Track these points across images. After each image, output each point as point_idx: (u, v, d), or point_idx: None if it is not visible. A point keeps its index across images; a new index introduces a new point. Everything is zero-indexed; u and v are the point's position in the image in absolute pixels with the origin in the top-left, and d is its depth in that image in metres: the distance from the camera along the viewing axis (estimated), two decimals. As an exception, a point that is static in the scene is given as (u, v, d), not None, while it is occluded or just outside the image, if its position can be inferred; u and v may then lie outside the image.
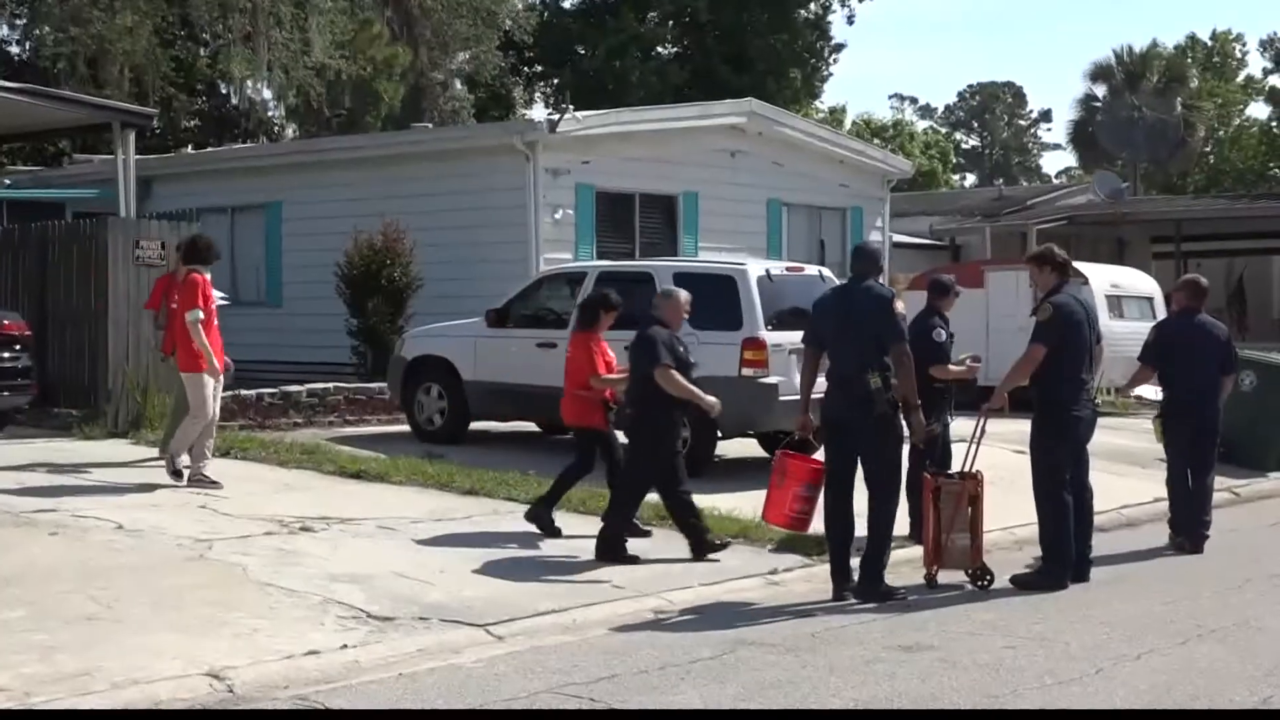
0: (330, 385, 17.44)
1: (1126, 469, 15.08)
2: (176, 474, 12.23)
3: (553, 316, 15.59)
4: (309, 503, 11.72)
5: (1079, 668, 7.77)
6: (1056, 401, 10.40)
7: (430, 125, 29.83)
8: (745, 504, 12.01)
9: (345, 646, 7.73)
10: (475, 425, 16.07)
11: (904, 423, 9.71)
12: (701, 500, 11.56)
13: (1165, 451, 12.32)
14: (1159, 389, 12.50)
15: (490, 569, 9.77)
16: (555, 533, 10.95)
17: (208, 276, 12.48)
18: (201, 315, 12.15)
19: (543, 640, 8.22)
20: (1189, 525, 11.88)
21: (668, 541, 10.79)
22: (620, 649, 8.07)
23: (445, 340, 16.07)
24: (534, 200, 20.11)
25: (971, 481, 10.12)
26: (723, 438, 14.06)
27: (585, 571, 9.84)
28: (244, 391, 16.75)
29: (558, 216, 20.33)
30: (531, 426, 16.51)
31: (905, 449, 10.07)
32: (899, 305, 9.69)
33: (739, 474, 14.17)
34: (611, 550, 10.27)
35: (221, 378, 12.58)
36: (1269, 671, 7.75)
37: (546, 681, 7.36)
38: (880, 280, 10.04)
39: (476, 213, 20.50)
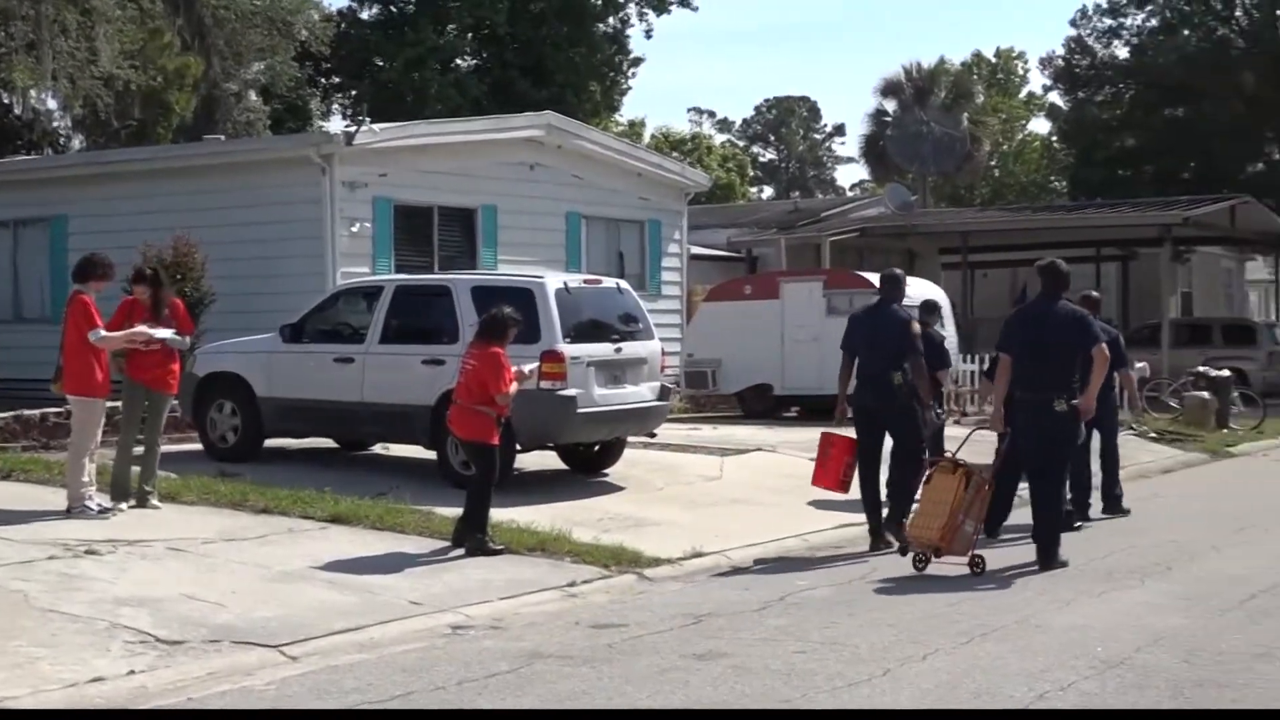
0: (118, 404, 16.94)
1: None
2: (102, 510, 11.92)
3: (349, 331, 15.44)
4: (94, 525, 11.39)
5: (867, 670, 7.97)
6: None
7: (223, 137, 29.26)
8: (543, 517, 12.09)
9: (132, 672, 7.54)
10: (271, 442, 15.81)
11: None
12: (500, 514, 11.60)
13: None
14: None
15: (284, 589, 9.62)
16: (497, 552, 10.93)
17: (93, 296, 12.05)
18: (102, 334, 11.78)
19: (338, 659, 8.13)
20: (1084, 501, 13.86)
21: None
22: (416, 666, 8.03)
23: (238, 356, 15.79)
24: (330, 213, 19.87)
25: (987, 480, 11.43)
26: (521, 451, 14.07)
27: (382, 589, 9.76)
28: (27, 411, 16.22)
29: (355, 230, 20.13)
30: (329, 443, 16.31)
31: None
32: (915, 326, 12.35)
33: (537, 487, 14.22)
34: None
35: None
36: (1046, 668, 8.04)
37: (340, 701, 7.29)
38: (903, 302, 12.66)
39: (271, 226, 20.17)
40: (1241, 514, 14.84)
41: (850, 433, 12.49)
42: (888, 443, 12.38)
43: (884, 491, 12.27)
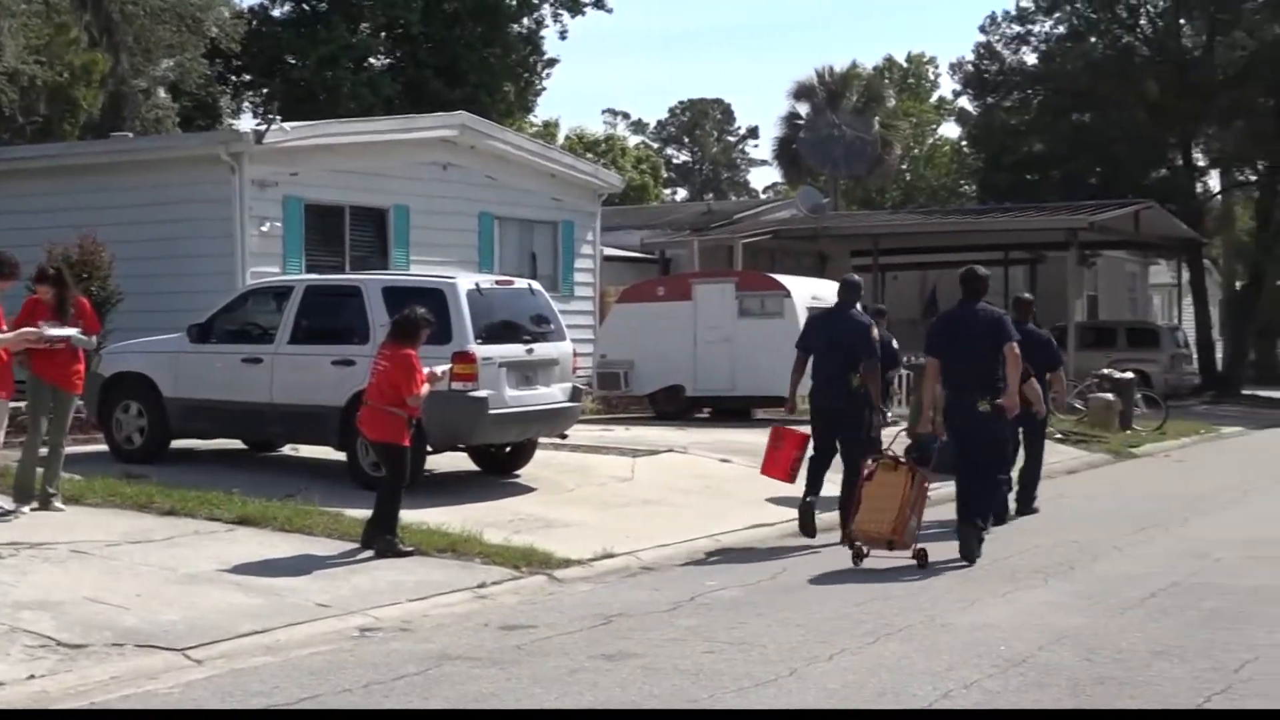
0: (22, 404, 16.67)
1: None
2: (4, 512, 11.77)
3: (258, 331, 15.30)
4: (-4, 528, 11.22)
5: (775, 670, 8.03)
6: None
7: (131, 134, 28.88)
8: (454, 518, 12.06)
9: (32, 676, 7.44)
10: (178, 443, 15.64)
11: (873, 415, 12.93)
12: (410, 515, 11.56)
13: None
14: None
15: (190, 591, 9.52)
16: (407, 553, 10.87)
17: None
18: None
19: (243, 662, 8.06)
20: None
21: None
22: (323, 668, 7.98)
23: (144, 356, 15.59)
24: (240, 212, 19.71)
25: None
26: (433, 452, 14.03)
27: (289, 591, 9.69)
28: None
29: (265, 229, 19.97)
30: (237, 444, 16.16)
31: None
32: (874, 331, 12.77)
33: (449, 488, 14.19)
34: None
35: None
36: (950, 666, 8.14)
37: (245, 704, 7.24)
38: (860, 307, 13.21)
39: (180, 225, 19.98)
40: (1143, 514, 15.12)
41: (797, 427, 13.34)
42: None
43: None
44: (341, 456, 14.35)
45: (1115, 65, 40.68)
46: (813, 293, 22.94)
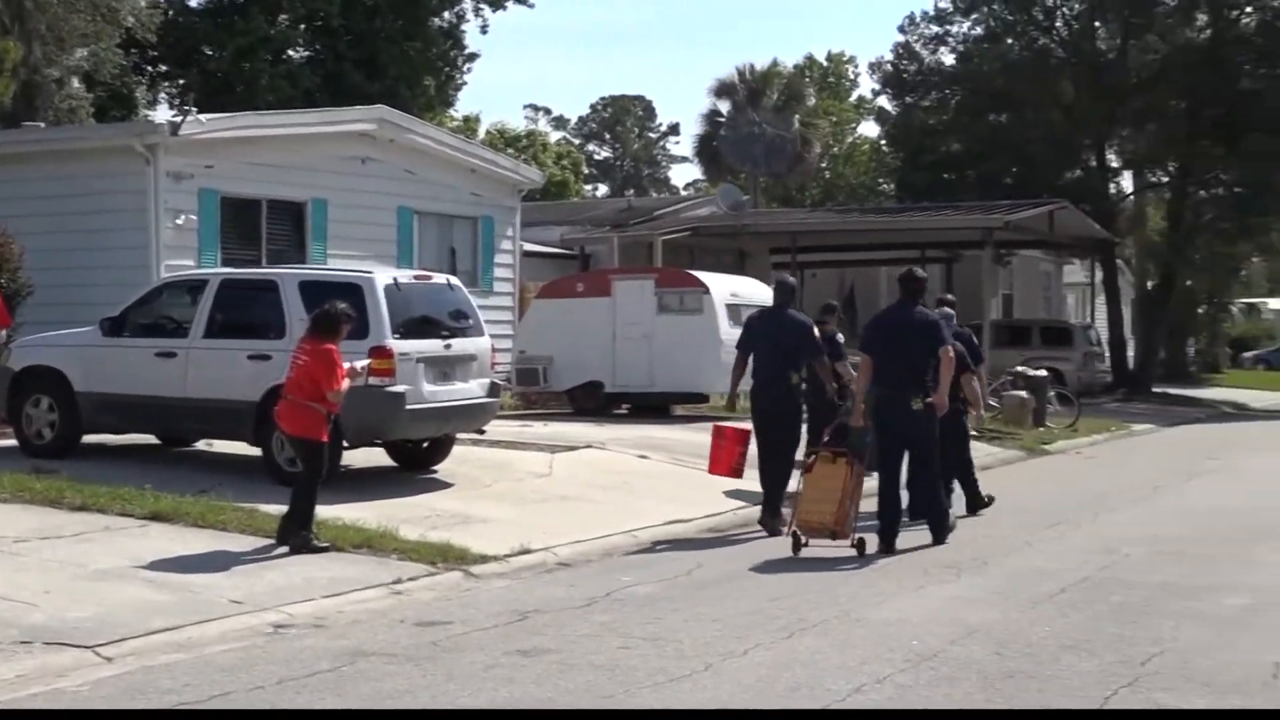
0: (-71, 398, 16.39)
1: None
2: None
3: (173, 325, 15.13)
4: (-98, 524, 11.03)
5: (690, 665, 8.06)
6: None
7: (44, 124, 28.46)
8: (370, 514, 12.01)
9: (-64, 675, 7.33)
10: (90, 438, 15.43)
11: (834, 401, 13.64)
12: (326, 511, 11.49)
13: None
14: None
15: (101, 588, 9.42)
16: (322, 549, 10.80)
17: None
18: None
19: (154, 659, 7.99)
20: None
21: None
22: (236, 665, 7.92)
23: (56, 350, 15.37)
24: (154, 205, 19.47)
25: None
26: (349, 447, 13.93)
27: (202, 587, 9.60)
28: None
29: (179, 222, 19.73)
30: (150, 438, 15.98)
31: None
32: (816, 331, 13.45)
33: (365, 484, 14.11)
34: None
35: None
36: (864, 660, 8.21)
37: (156, 702, 7.17)
38: (796, 307, 13.72)
39: (93, 217, 19.69)
40: (1054, 510, 15.32)
41: (739, 423, 13.95)
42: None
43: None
44: (257, 452, 14.23)
45: (1031, 67, 41.18)
46: (732, 290, 23.04)
